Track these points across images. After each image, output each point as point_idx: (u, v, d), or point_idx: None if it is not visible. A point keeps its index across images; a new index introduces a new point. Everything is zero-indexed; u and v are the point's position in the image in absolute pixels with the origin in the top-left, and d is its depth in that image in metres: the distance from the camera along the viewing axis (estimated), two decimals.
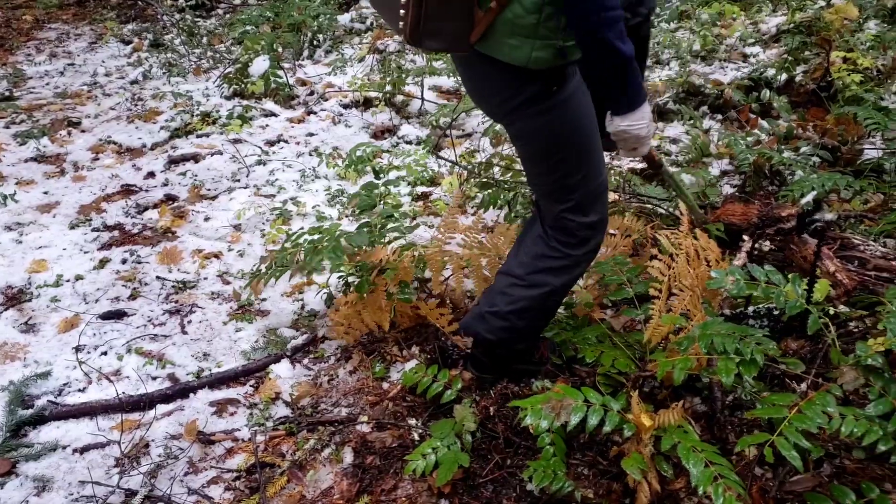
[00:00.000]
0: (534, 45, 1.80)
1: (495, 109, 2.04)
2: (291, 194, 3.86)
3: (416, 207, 3.66)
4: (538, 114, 1.92)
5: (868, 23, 4.81)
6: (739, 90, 4.36)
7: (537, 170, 2.08)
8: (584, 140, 1.99)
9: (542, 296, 2.15)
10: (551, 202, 2.08)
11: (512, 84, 1.89)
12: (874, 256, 2.79)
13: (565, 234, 2.09)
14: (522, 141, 2.04)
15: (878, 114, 3.57)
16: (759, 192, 3.76)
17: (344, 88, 4.89)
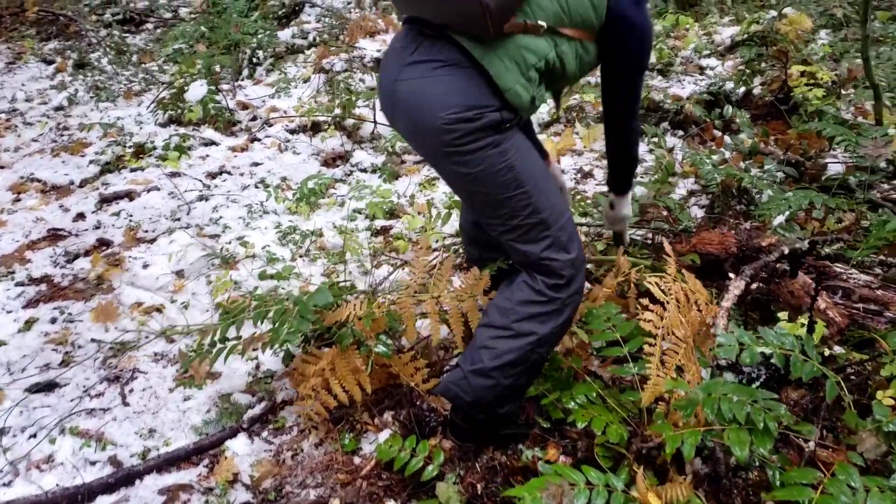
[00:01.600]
0: (519, 80, 1.88)
1: (446, 132, 1.86)
2: (238, 233, 3.59)
3: (376, 244, 3.43)
4: (492, 146, 1.88)
5: (819, 32, 4.77)
6: (699, 105, 4.26)
7: (502, 212, 1.97)
8: (539, 175, 1.98)
9: (529, 346, 2.01)
10: (529, 245, 1.99)
11: (480, 101, 1.85)
12: (858, 286, 2.69)
13: (551, 275, 2.00)
14: (479, 181, 1.92)
15: (846, 130, 3.49)
16: (729, 212, 3.65)
17: (290, 113, 4.62)
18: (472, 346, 2.10)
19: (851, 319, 2.49)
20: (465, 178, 1.94)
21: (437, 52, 1.90)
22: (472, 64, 1.86)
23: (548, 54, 1.93)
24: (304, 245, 3.48)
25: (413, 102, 1.90)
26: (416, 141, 2.01)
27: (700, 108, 4.22)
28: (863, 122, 4.18)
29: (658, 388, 1.98)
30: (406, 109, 1.93)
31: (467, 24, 1.85)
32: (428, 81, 1.88)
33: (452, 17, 1.85)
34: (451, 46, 1.88)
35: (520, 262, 2.06)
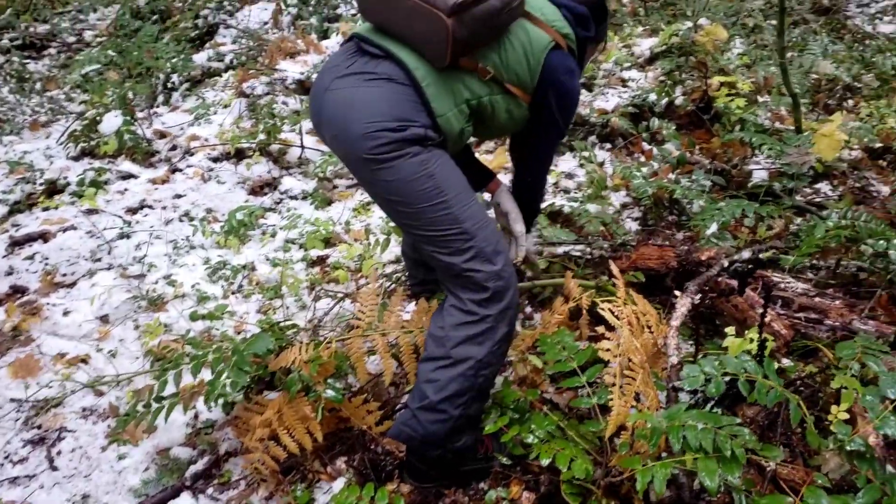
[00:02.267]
0: (452, 108, 2.00)
1: (369, 139, 1.90)
2: (164, 272, 3.42)
3: (313, 275, 3.32)
4: (412, 155, 1.92)
5: (734, 41, 4.91)
6: (625, 118, 4.30)
7: (424, 223, 1.99)
8: (460, 187, 2.01)
9: (471, 372, 2.00)
10: (452, 257, 1.99)
11: (408, 115, 1.91)
12: (797, 294, 2.74)
13: (476, 289, 2.00)
14: (399, 190, 1.96)
15: (769, 138, 3.58)
16: (662, 223, 3.70)
17: (211, 140, 4.45)
18: (417, 382, 2.07)
19: (794, 329, 2.54)
20: (387, 188, 1.96)
21: (374, 66, 1.95)
22: (410, 83, 1.93)
23: (482, 96, 2.05)
24: (236, 281, 3.34)
25: (340, 110, 1.94)
26: (340, 149, 2.02)
27: (626, 120, 4.27)
28: (781, 129, 4.32)
29: (621, 417, 1.96)
30: (332, 117, 1.97)
31: (426, 46, 1.93)
32: (359, 91, 1.93)
33: (416, 34, 1.93)
34: (392, 64, 1.94)
35: (445, 278, 2.06)
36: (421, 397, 2.02)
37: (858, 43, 6.42)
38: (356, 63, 1.98)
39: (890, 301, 2.82)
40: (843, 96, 5.08)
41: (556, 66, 2.12)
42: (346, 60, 2.01)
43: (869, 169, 3.97)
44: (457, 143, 2.12)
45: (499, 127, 2.22)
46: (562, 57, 2.14)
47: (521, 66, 2.09)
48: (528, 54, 2.09)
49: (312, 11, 5.76)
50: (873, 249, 2.94)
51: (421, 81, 1.93)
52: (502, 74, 2.07)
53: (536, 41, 2.10)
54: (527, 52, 2.09)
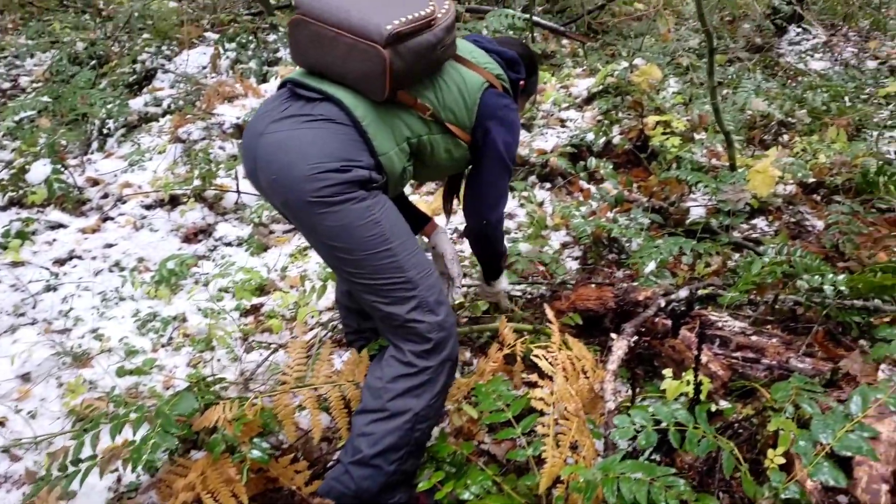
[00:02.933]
0: (394, 147, 2.00)
1: (313, 181, 1.86)
2: (92, 325, 3.28)
3: (246, 325, 3.22)
4: (357, 200, 1.89)
5: (669, 80, 5.00)
6: (563, 157, 4.32)
7: (367, 270, 1.95)
8: (405, 234, 2.00)
9: (408, 425, 1.97)
10: (395, 307, 1.97)
11: (351, 156, 1.88)
12: (734, 333, 2.73)
13: (418, 340, 1.98)
14: (343, 236, 1.91)
15: (705, 175, 3.62)
16: (602, 261, 3.69)
17: (145, 187, 4.33)
18: (351, 435, 2.01)
19: (731, 369, 2.52)
20: (330, 234, 1.91)
21: (311, 109, 1.93)
22: (351, 123, 1.92)
23: (421, 134, 2.07)
24: (166, 333, 3.22)
25: (279, 153, 1.89)
26: (279, 194, 1.94)
27: (564, 160, 4.29)
28: (718, 165, 4.38)
29: (555, 470, 1.90)
30: (269, 161, 1.91)
31: (364, 81, 1.92)
32: (297, 133, 1.89)
33: (353, 72, 1.92)
34: (330, 105, 1.93)
35: (386, 328, 2.03)
36: (354, 451, 1.96)
37: (791, 80, 6.61)
38: (292, 107, 1.95)
39: (826, 337, 2.84)
40: (778, 132, 5.20)
41: (493, 103, 2.18)
42: (281, 105, 1.97)
43: (803, 203, 4.04)
44: (398, 184, 2.11)
45: (438, 167, 2.24)
46: (497, 95, 2.21)
47: (457, 104, 2.13)
48: (463, 93, 2.14)
49: (252, 55, 5.72)
50: (809, 285, 2.97)
51: (361, 120, 1.92)
52: (440, 112, 2.10)
53: (470, 81, 2.16)
54: (462, 91, 2.14)
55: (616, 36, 6.65)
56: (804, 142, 4.49)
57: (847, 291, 2.89)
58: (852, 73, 6.65)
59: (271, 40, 5.99)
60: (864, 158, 3.95)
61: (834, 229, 3.51)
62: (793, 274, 3.08)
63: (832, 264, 3.37)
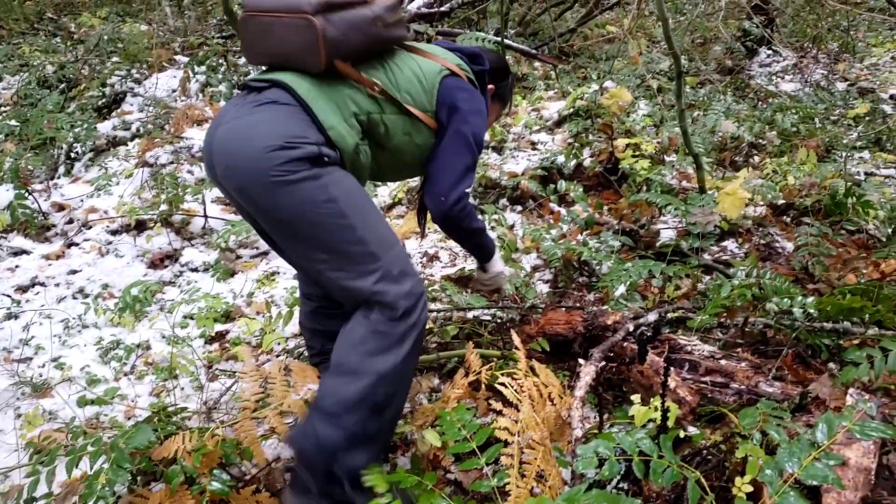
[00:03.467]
0: (342, 122, 2.00)
1: (266, 160, 1.87)
2: (53, 354, 3.20)
3: (211, 352, 3.16)
4: (312, 178, 1.90)
5: (639, 103, 5.02)
6: (534, 180, 4.32)
7: (328, 247, 1.96)
8: (365, 207, 2.00)
9: (370, 386, 1.94)
10: (359, 280, 1.96)
11: (299, 133, 1.90)
12: (703, 357, 2.71)
13: (384, 308, 1.98)
14: (300, 214, 1.92)
15: (674, 198, 3.62)
16: (573, 285, 3.67)
17: (111, 212, 4.26)
18: (318, 396, 2.01)
19: (700, 394, 2.50)
20: (286, 213, 1.92)
21: (259, 96, 1.99)
22: (296, 102, 1.96)
23: (371, 112, 2.07)
24: (129, 361, 3.15)
25: (231, 140, 1.93)
26: (234, 180, 1.95)
27: (535, 182, 4.28)
28: (688, 187, 4.39)
29: (519, 501, 1.86)
30: (222, 148, 1.95)
31: (303, 55, 1.98)
32: (248, 118, 1.94)
33: (292, 50, 1.98)
34: (276, 89, 1.99)
35: (354, 304, 2.02)
36: (318, 407, 1.97)
37: (762, 102, 6.69)
38: (244, 100, 2.02)
39: (796, 360, 2.83)
40: (749, 154, 5.24)
41: (454, 86, 2.21)
42: (236, 102, 2.05)
43: (773, 225, 4.05)
44: (356, 163, 2.08)
45: (401, 152, 2.21)
46: (459, 81, 2.25)
47: (413, 86, 2.15)
48: (420, 77, 2.17)
49: (221, 78, 5.68)
50: (778, 307, 2.96)
51: (305, 97, 1.96)
52: (394, 92, 2.11)
53: (427, 68, 2.21)
54: (418, 76, 2.17)
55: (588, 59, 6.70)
56: (774, 163, 4.52)
57: (816, 314, 2.89)
58: (822, 94, 6.74)
59: (242, 63, 5.96)
60: (832, 180, 3.98)
61: (803, 251, 3.51)
62: (763, 297, 3.08)
63: (802, 286, 3.37)
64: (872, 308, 2.81)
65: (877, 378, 2.21)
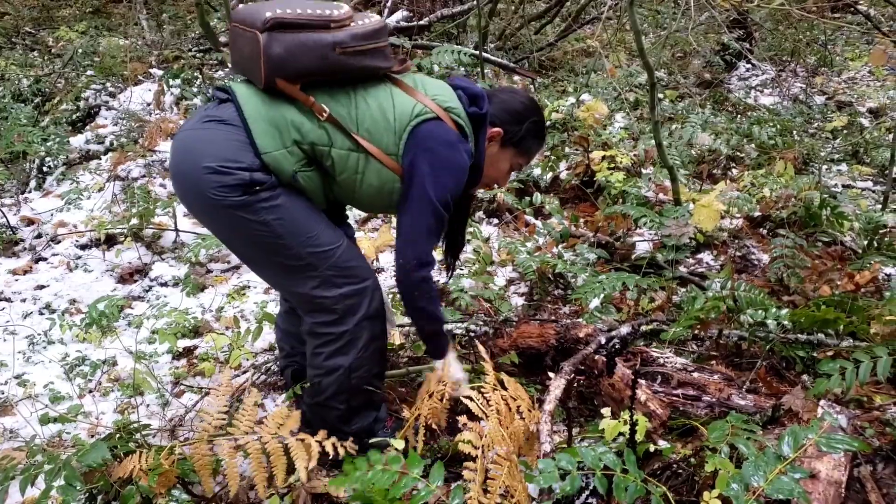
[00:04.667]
0: (281, 149, 1.98)
1: (204, 182, 1.96)
2: (16, 370, 3.13)
3: (178, 368, 3.09)
4: (243, 207, 1.96)
5: (616, 115, 5.02)
6: (510, 193, 4.29)
7: (266, 263, 2.13)
8: (300, 222, 2.04)
9: (342, 377, 2.19)
10: (299, 287, 2.11)
11: (234, 157, 1.94)
12: (675, 370, 2.68)
13: (326, 312, 2.13)
14: (237, 236, 2.07)
15: (649, 211, 3.61)
16: (548, 297, 3.64)
17: (80, 227, 4.19)
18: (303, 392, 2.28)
19: (672, 407, 2.46)
20: (224, 234, 2.08)
21: (215, 110, 2.03)
22: (241, 123, 1.98)
23: (315, 143, 2.02)
24: (94, 378, 3.08)
25: (177, 154, 2.03)
26: (180, 192, 2.08)
27: (511, 195, 4.26)
28: (664, 200, 4.38)
29: None
30: (173, 161, 2.05)
31: (251, 69, 1.99)
32: (196, 133, 2.01)
33: (246, 60, 1.99)
34: (229, 106, 2.02)
35: (297, 304, 2.23)
36: (307, 395, 2.27)
37: (740, 115, 6.71)
38: (204, 112, 2.07)
39: (770, 372, 2.80)
40: (727, 166, 5.25)
41: (428, 134, 2.06)
42: (199, 111, 2.11)
43: (749, 237, 4.05)
44: (298, 185, 2.05)
45: (353, 189, 2.12)
46: (439, 127, 2.08)
47: (376, 125, 2.04)
48: (387, 115, 2.05)
49: (196, 91, 5.63)
50: (752, 319, 2.94)
51: (248, 117, 1.97)
52: (349, 126, 2.03)
53: (402, 106, 2.07)
54: (386, 115, 2.05)
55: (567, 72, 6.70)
56: (751, 175, 4.51)
57: (790, 326, 2.87)
58: (800, 108, 6.77)
59: (218, 76, 5.92)
60: (808, 192, 3.98)
61: (778, 263, 3.50)
62: (737, 309, 3.05)
63: (777, 298, 3.36)
64: (846, 320, 2.79)
65: (848, 389, 2.19)
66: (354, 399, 2.25)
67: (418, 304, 2.18)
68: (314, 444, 2.01)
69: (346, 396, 2.23)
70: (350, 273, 2.12)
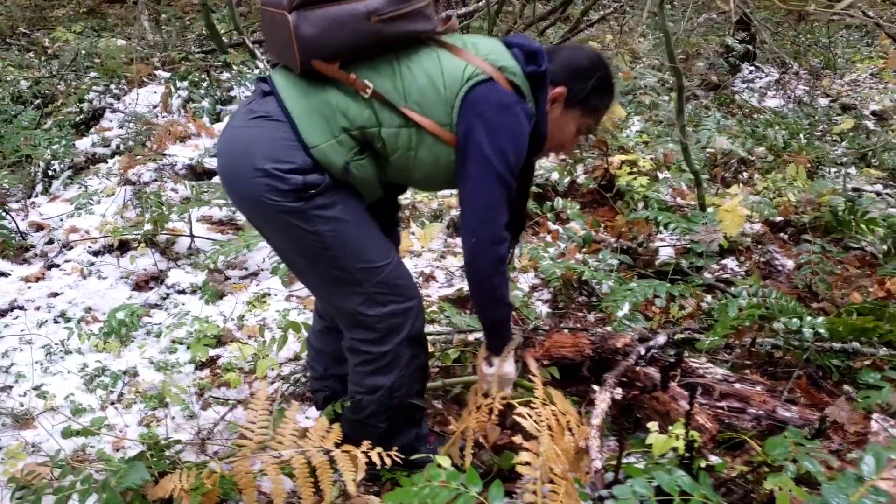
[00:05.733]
0: (328, 139, 1.88)
1: (256, 185, 1.89)
2: (35, 382, 3.04)
3: (202, 379, 3.02)
4: (297, 214, 1.89)
5: (632, 119, 4.98)
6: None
7: (314, 272, 2.06)
8: (352, 235, 1.97)
9: (383, 397, 2.14)
10: (344, 301, 2.05)
11: (284, 156, 1.86)
12: (716, 381, 2.63)
13: (366, 331, 2.06)
14: (286, 243, 2.02)
15: (676, 217, 3.57)
16: (572, 304, 3.60)
17: (92, 233, 4.11)
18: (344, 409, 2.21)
19: (717, 420, 2.42)
20: (275, 242, 2.05)
21: (259, 105, 1.95)
22: (286, 118, 1.89)
23: (365, 126, 1.90)
24: (115, 389, 3.01)
25: (229, 154, 1.96)
26: (231, 192, 2.03)
27: (530, 200, 4.21)
28: (682, 204, 4.35)
29: None
30: (223, 162, 2.00)
31: (285, 54, 1.88)
32: (242, 132, 1.94)
33: (279, 44, 1.88)
34: (272, 100, 1.92)
35: (340, 318, 2.14)
36: (348, 413, 2.19)
37: (746, 117, 6.69)
38: (252, 102, 2.00)
39: (809, 382, 2.76)
40: (737, 169, 5.22)
41: (483, 99, 1.90)
42: (245, 104, 2.03)
43: (772, 242, 4.01)
44: (351, 178, 1.94)
45: (408, 169, 1.99)
46: (493, 90, 1.91)
47: (425, 95, 1.89)
48: (437, 85, 1.89)
49: (204, 94, 5.55)
50: (786, 327, 2.89)
51: (292, 111, 1.89)
52: (397, 100, 1.88)
53: (452, 72, 1.90)
54: (436, 82, 1.89)
55: None
56: (767, 180, 4.49)
57: (827, 334, 2.83)
58: (807, 110, 6.76)
59: (224, 78, 5.84)
60: (830, 196, 3.95)
61: (806, 269, 3.47)
62: (769, 316, 3.01)
63: (805, 305, 3.32)
64: (884, 328, 2.76)
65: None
66: (396, 418, 2.21)
67: (493, 287, 2.01)
68: (360, 456, 1.96)
69: (388, 415, 2.19)
70: (397, 291, 2.05)
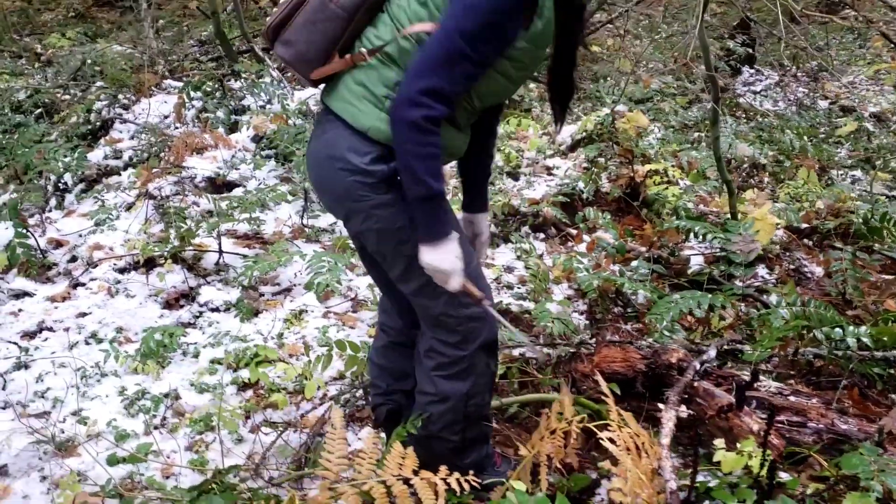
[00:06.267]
0: (379, 114, 1.81)
1: (335, 189, 1.93)
2: (73, 407, 2.99)
3: (247, 401, 2.98)
4: (387, 205, 1.87)
5: (652, 125, 5.00)
6: (556, 207, 4.24)
7: (403, 267, 1.98)
8: None
9: (459, 405, 2.12)
10: (429, 300, 2.01)
11: (361, 147, 1.84)
12: (771, 395, 2.64)
13: (447, 332, 2.05)
14: (380, 237, 1.96)
15: (713, 227, 3.57)
16: (609, 315, 3.60)
17: (118, 251, 4.05)
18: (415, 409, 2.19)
19: (779, 434, 2.42)
20: (361, 236, 2.00)
21: (320, 118, 2.00)
22: (339, 119, 1.88)
23: (397, 78, 1.81)
24: (158, 413, 2.96)
25: (313, 165, 1.98)
26: (330, 208, 2.04)
27: (557, 209, 4.21)
28: (705, 211, 4.36)
29: None
30: (314, 176, 2.01)
31: (295, 68, 1.92)
32: (319, 141, 1.94)
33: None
34: (329, 115, 1.92)
35: (422, 318, 2.10)
36: (419, 428, 2.13)
37: (750, 121, 6.74)
38: (320, 115, 2.04)
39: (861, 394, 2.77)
40: (749, 174, 5.25)
41: None
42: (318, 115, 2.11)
43: (799, 249, 4.04)
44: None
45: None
46: None
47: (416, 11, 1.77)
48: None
49: (218, 104, 5.49)
50: (828, 337, 2.91)
51: (336, 111, 1.88)
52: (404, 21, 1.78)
53: None
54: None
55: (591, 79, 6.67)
56: (788, 186, 4.51)
57: (871, 344, 2.85)
58: (811, 113, 6.82)
59: (236, 87, 5.78)
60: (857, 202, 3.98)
61: (838, 277, 3.49)
62: (809, 326, 3.02)
63: (841, 313, 3.34)
64: None
65: None
66: (470, 430, 2.18)
67: (405, 152, 1.76)
68: (440, 483, 1.94)
69: (462, 426, 2.15)
70: (480, 289, 2.02)
